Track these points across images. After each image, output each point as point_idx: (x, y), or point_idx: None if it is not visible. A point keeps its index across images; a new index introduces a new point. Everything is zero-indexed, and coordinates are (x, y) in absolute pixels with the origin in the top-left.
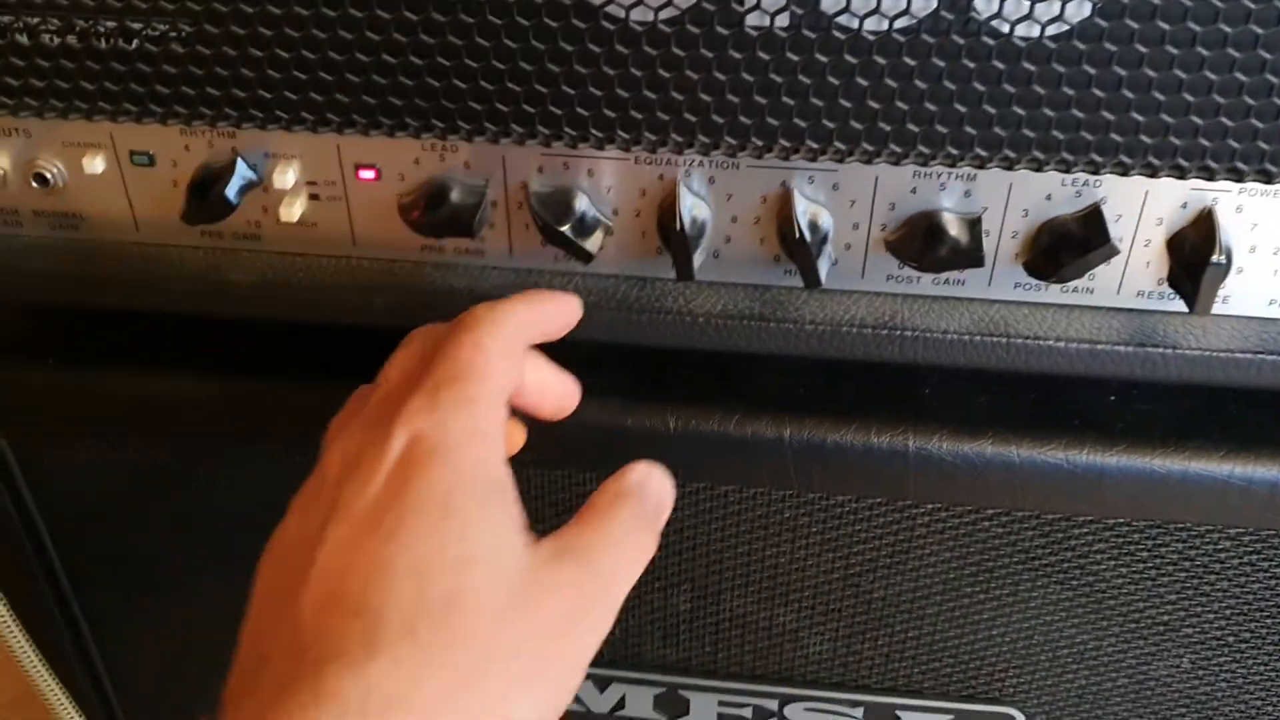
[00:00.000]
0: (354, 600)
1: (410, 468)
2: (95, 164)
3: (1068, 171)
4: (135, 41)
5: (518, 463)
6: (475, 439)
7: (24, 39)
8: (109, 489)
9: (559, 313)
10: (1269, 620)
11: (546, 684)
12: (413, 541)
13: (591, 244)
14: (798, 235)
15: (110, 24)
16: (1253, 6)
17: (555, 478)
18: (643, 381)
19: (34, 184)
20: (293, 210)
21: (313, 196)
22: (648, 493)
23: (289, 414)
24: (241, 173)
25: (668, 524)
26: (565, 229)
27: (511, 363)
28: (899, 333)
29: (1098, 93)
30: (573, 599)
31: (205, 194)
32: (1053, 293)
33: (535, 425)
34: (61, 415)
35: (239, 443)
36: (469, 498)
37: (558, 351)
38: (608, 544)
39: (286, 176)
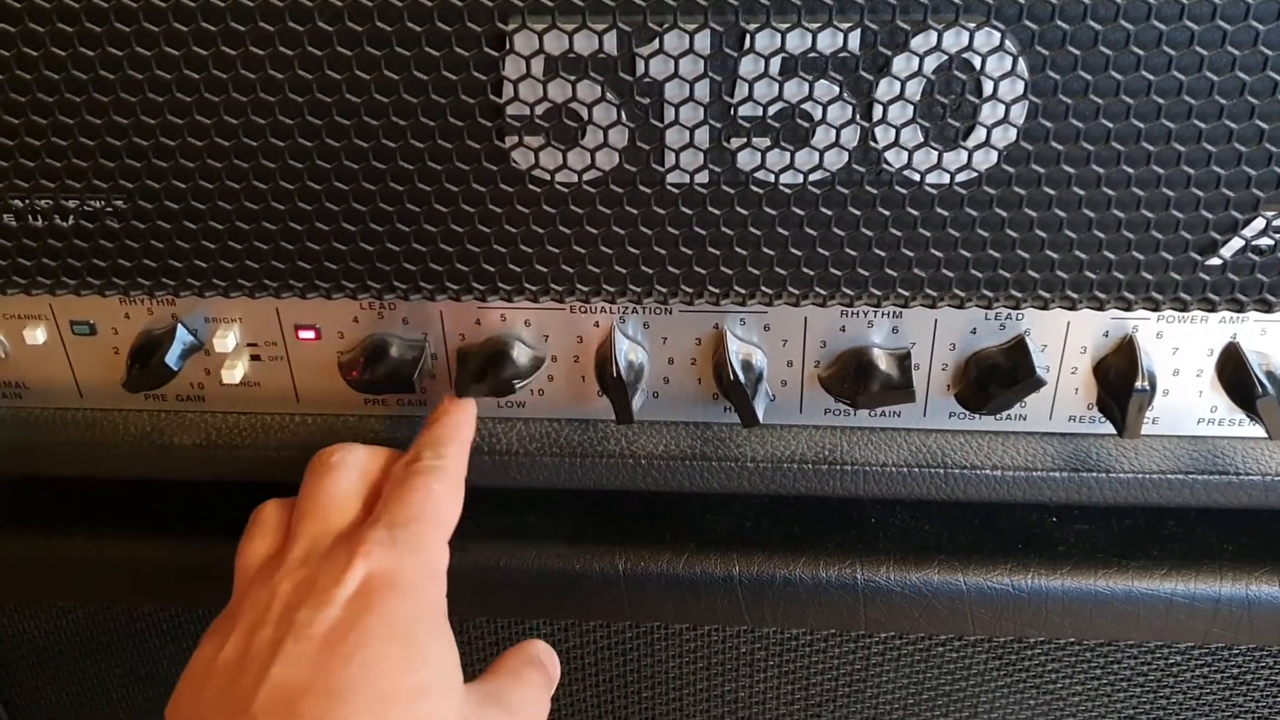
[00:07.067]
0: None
1: (370, 598)
2: (36, 335)
3: (989, 307)
4: (71, 217)
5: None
6: (427, 578)
7: None
8: (60, 645)
9: (470, 424)
10: None
11: None
12: (375, 665)
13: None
14: (731, 377)
15: (45, 201)
16: (1152, 149)
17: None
18: (589, 524)
19: None
20: (234, 372)
21: (254, 358)
22: (550, 665)
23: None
24: (182, 338)
25: (626, 662)
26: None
27: (455, 504)
28: (839, 467)
29: (1011, 233)
30: None
31: (146, 362)
32: (987, 420)
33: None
34: (9, 580)
35: (189, 604)
36: (426, 632)
37: (502, 495)
38: (527, 701)
39: (227, 340)
